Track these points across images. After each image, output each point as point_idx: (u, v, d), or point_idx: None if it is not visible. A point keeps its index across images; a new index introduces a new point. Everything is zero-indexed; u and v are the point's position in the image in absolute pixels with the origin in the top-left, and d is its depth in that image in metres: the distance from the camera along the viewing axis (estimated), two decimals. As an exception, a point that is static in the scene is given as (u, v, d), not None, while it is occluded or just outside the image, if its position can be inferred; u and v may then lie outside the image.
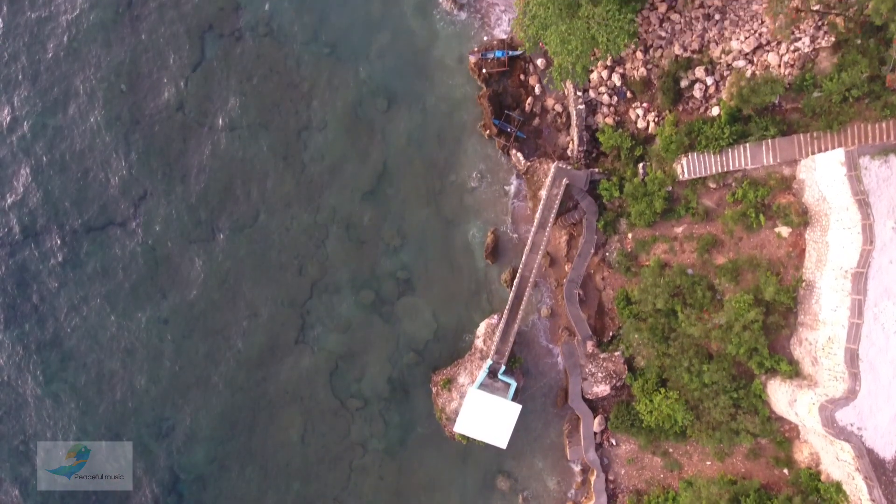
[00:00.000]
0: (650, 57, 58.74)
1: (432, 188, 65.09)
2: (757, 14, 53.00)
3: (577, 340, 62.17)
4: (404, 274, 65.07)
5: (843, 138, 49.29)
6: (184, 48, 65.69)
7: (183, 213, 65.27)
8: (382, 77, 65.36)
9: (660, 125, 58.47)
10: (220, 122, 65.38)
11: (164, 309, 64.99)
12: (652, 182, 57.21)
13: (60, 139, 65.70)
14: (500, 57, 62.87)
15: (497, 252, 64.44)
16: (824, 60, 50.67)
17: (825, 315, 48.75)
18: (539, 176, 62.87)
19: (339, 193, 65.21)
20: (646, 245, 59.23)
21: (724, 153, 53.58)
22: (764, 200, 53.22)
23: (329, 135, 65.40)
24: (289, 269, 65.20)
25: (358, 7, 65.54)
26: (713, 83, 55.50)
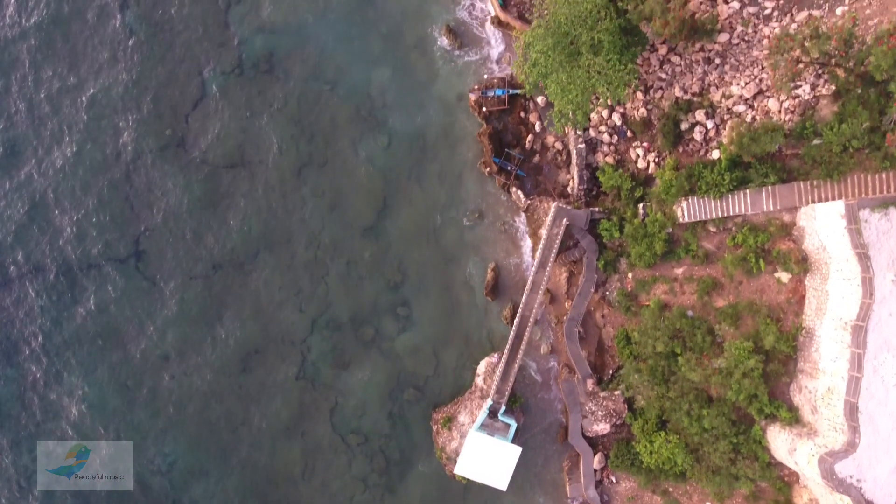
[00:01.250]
0: (650, 97, 58.75)
1: (432, 224, 65.19)
2: (757, 60, 53.00)
3: (577, 378, 62.27)
4: (404, 310, 65.17)
5: (843, 188, 49.31)
6: (184, 84, 65.80)
7: (183, 250, 65.38)
8: (383, 113, 65.44)
9: (660, 166, 58.57)
10: (220, 158, 65.47)
11: (165, 345, 65.10)
12: (652, 224, 57.26)
13: (60, 175, 65.79)
14: (501, 95, 62.90)
15: (497, 289, 64.52)
16: (825, 108, 50.68)
17: (825, 364, 48.83)
18: (539, 214, 62.93)
19: (339, 229, 65.32)
20: (646, 285, 59.31)
21: (725, 198, 53.62)
22: (764, 246, 53.27)
23: (329, 171, 65.48)
24: (289, 306, 65.32)
25: (358, 44, 65.55)
26: (713, 127, 55.53)
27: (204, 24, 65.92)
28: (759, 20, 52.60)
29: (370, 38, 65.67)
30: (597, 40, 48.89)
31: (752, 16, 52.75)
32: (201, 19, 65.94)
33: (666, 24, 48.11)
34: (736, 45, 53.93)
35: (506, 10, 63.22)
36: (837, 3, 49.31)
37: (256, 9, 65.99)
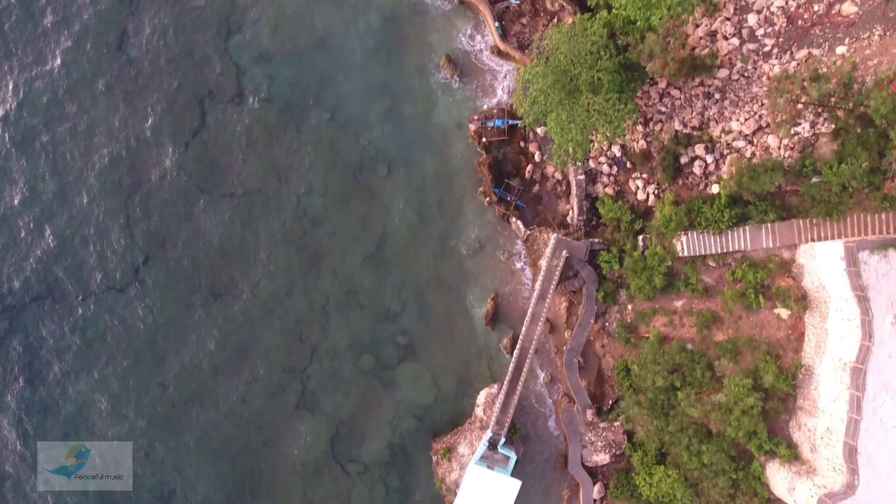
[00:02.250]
0: (650, 130, 58.78)
1: (432, 253, 65.24)
2: (757, 96, 52.99)
3: (576, 408, 62.34)
4: (404, 339, 65.23)
5: (842, 227, 49.31)
6: (184, 114, 65.77)
7: (183, 279, 65.38)
8: (382, 142, 65.45)
9: (660, 198, 58.63)
10: (220, 187, 65.48)
11: (165, 373, 65.12)
12: (652, 257, 57.32)
13: (60, 204, 65.77)
14: (500, 126, 62.91)
15: (497, 318, 64.57)
16: (824, 146, 50.66)
17: (824, 404, 48.88)
18: (539, 245, 62.99)
19: (339, 259, 65.34)
20: (645, 317, 59.36)
21: (724, 234, 53.66)
22: (763, 282, 53.31)
23: (329, 200, 65.51)
24: (289, 335, 65.34)
25: (357, 73, 65.54)
26: (713, 161, 55.56)
27: (203, 53, 65.89)
28: (758, 57, 52.57)
29: (370, 68, 65.66)
30: (596, 79, 48.93)
31: (752, 52, 52.73)
32: (201, 48, 65.91)
33: (665, 64, 48.15)
34: (735, 81, 53.92)
35: (505, 40, 63.23)
36: (837, 43, 49.27)
37: (256, 38, 65.96)
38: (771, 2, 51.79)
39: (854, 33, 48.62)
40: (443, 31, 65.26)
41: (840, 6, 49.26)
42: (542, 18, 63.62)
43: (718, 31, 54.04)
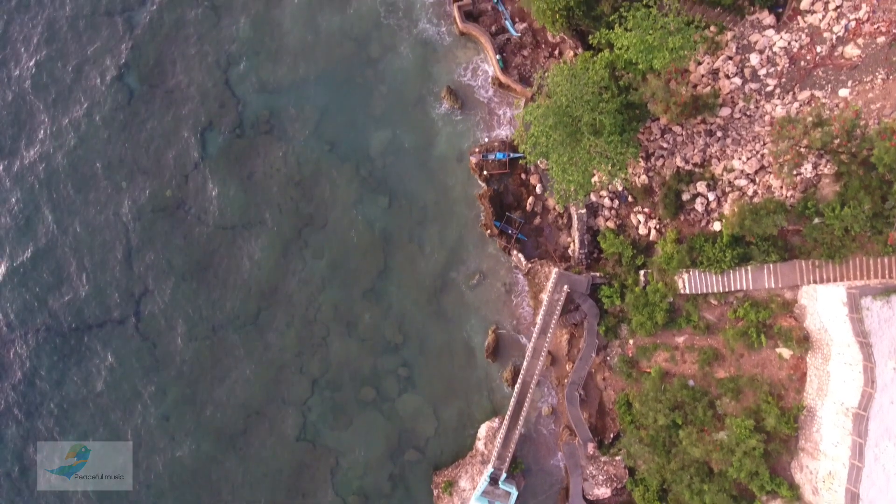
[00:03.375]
0: (651, 165, 58.65)
1: (433, 286, 65.09)
2: (759, 136, 52.84)
3: (577, 441, 62.25)
4: (405, 371, 65.10)
5: (844, 270, 49.23)
6: (184, 145, 65.63)
7: (183, 310, 65.22)
8: (383, 174, 65.33)
9: (661, 233, 58.50)
10: (220, 218, 65.34)
11: (164, 406, 64.98)
12: (653, 293, 57.20)
13: (61, 235, 65.60)
14: (501, 159, 62.77)
15: (498, 350, 64.44)
16: (826, 187, 50.51)
17: (825, 447, 48.81)
18: (540, 278, 62.86)
19: (340, 291, 65.21)
20: (647, 352, 59.25)
21: (726, 274, 53.56)
22: (765, 321, 53.21)
23: (329, 232, 65.36)
24: (290, 367, 65.20)
25: (358, 104, 65.44)
26: (715, 199, 55.41)
27: (204, 85, 65.74)
28: (760, 96, 52.42)
29: (371, 99, 65.53)
30: (598, 122, 48.76)
31: (754, 92, 52.59)
32: (201, 80, 65.76)
33: (668, 108, 48.02)
34: (738, 120, 53.79)
35: (506, 72, 63.05)
36: (840, 85, 49.13)
37: (256, 69, 65.80)
38: (773, 42, 51.63)
39: (857, 76, 48.49)
40: (444, 63, 65.09)
41: (843, 49, 49.13)
42: (542, 51, 63.44)
43: (720, 69, 53.90)
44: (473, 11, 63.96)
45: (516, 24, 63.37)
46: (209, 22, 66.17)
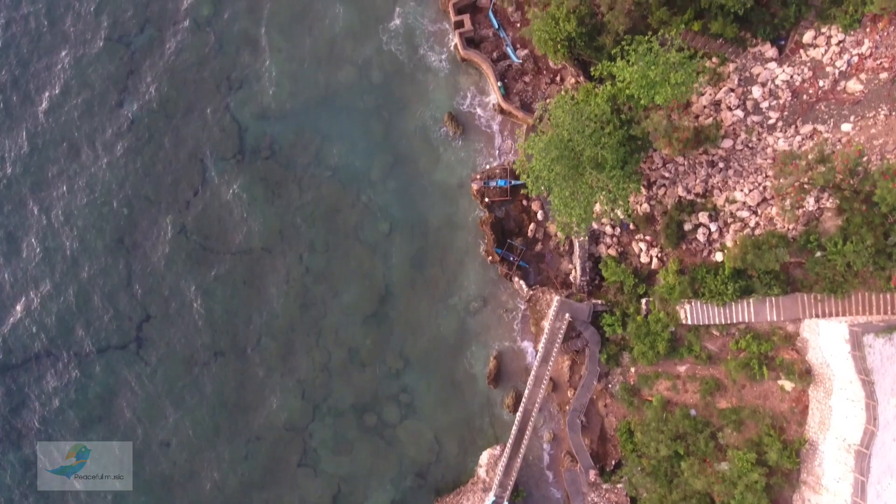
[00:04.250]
0: (653, 193, 58.57)
1: (434, 311, 65.05)
2: (761, 168, 52.76)
3: (579, 468, 62.26)
4: (406, 397, 65.08)
5: (846, 305, 49.22)
6: (185, 171, 65.61)
7: (184, 336, 65.21)
8: (384, 200, 65.27)
9: (663, 262, 58.42)
10: (221, 244, 65.30)
11: (165, 432, 64.95)
12: (655, 322, 57.16)
13: (62, 262, 65.59)
14: (503, 186, 62.72)
15: (499, 376, 64.42)
16: (829, 220, 50.42)
17: (827, 482, 48.79)
18: (542, 305, 62.82)
19: (341, 317, 65.17)
20: (648, 380, 59.23)
21: (728, 306, 53.51)
22: (767, 354, 53.19)
23: (331, 258, 65.31)
24: (291, 392, 65.18)
25: (359, 130, 65.37)
26: (717, 229, 55.32)
27: (205, 111, 65.67)
28: (763, 129, 52.37)
29: (372, 125, 65.47)
30: (600, 157, 48.68)
31: (756, 124, 52.51)
32: (202, 105, 65.70)
33: (670, 144, 47.96)
34: (740, 151, 53.72)
35: (508, 99, 62.95)
36: (843, 120, 49.06)
37: (258, 95, 65.74)
38: (775, 75, 51.56)
39: (859, 111, 48.42)
40: (445, 89, 65.02)
41: (845, 84, 49.05)
42: (544, 77, 63.35)
43: (723, 101, 53.81)
44: (475, 38, 63.83)
45: (517, 50, 63.28)
46: (210, 48, 66.07)
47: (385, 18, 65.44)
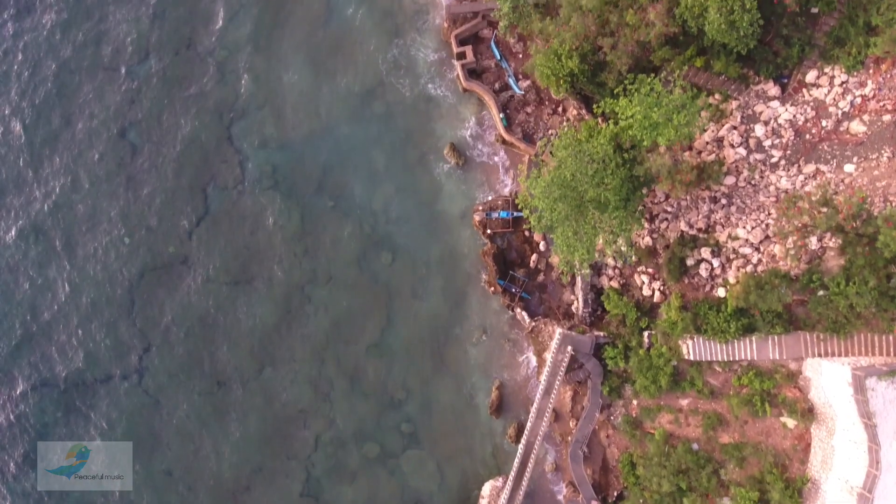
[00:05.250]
0: (656, 227, 58.54)
1: (437, 341, 65.10)
2: (763, 205, 52.72)
3: (581, 499, 62.32)
4: (409, 427, 65.11)
5: (849, 345, 49.24)
6: (187, 201, 65.65)
7: (186, 366, 65.30)
8: (386, 230, 65.32)
9: (665, 296, 58.41)
10: (224, 274, 65.38)
11: (167, 462, 65.03)
12: (657, 357, 57.15)
13: (63, 293, 65.63)
14: (505, 217, 62.71)
15: (502, 407, 64.44)
16: (831, 259, 50.39)
17: (830, 523, 48.84)
18: (544, 337, 62.82)
19: (343, 346, 65.23)
20: (651, 413, 59.23)
21: (730, 343, 53.51)
22: (770, 391, 53.19)
23: (333, 287, 65.37)
24: (293, 422, 65.23)
25: (361, 160, 65.43)
26: (719, 265, 55.28)
27: (207, 140, 65.74)
28: (765, 167, 52.33)
29: (374, 155, 65.51)
30: (603, 198, 48.64)
31: (759, 162, 52.48)
32: (204, 135, 65.78)
33: (673, 187, 47.94)
34: (742, 188, 53.69)
35: (510, 130, 62.93)
36: (846, 161, 49.02)
37: (259, 124, 65.78)
38: (778, 114, 51.52)
39: (863, 152, 48.38)
40: (447, 119, 65.02)
41: (848, 124, 49.01)
42: (546, 107, 63.33)
43: (725, 138, 53.78)
44: (477, 68, 63.83)
45: (520, 81, 63.24)
46: (212, 77, 66.09)
47: (387, 49, 65.45)
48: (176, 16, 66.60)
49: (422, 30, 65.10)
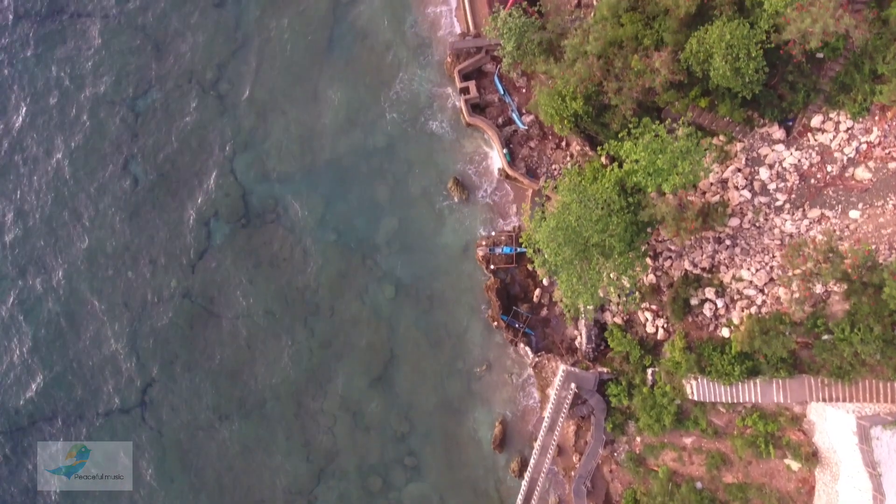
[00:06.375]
0: (659, 264, 58.42)
1: (440, 375, 65.03)
2: (768, 248, 52.57)
3: (585, 534, 62.36)
4: (412, 461, 65.09)
5: (854, 391, 49.13)
6: (190, 235, 65.50)
7: (189, 400, 65.25)
8: (389, 264, 65.18)
9: (669, 333, 58.32)
10: (226, 308, 65.29)
11: (170, 497, 65.00)
12: (661, 395, 57.09)
13: (66, 326, 65.56)
14: (508, 253, 62.59)
15: (505, 441, 64.39)
16: (836, 304, 50.25)
17: (835, 569, 48.81)
18: (547, 372, 62.76)
19: (346, 380, 65.17)
20: (654, 450, 59.16)
21: (734, 385, 53.41)
22: (774, 433, 53.11)
23: (336, 321, 65.26)
24: (296, 456, 65.22)
25: (364, 194, 65.23)
26: (723, 305, 55.14)
27: (209, 174, 65.60)
28: (770, 210, 52.16)
29: (377, 188, 65.34)
30: (608, 244, 48.51)
31: (764, 205, 52.31)
32: (207, 168, 65.63)
33: (677, 233, 47.80)
34: (747, 230, 53.52)
35: (513, 165, 62.77)
36: (851, 207, 48.85)
37: (262, 158, 65.61)
38: (783, 158, 51.34)
39: (868, 199, 48.21)
40: (450, 153, 64.86)
41: (854, 171, 48.84)
42: (549, 142, 63.15)
43: (730, 180, 53.60)
44: (480, 103, 63.62)
45: (523, 115, 63.04)
46: (214, 110, 65.91)
47: (390, 82, 65.25)
48: (178, 49, 66.32)
49: (424, 64, 64.90)
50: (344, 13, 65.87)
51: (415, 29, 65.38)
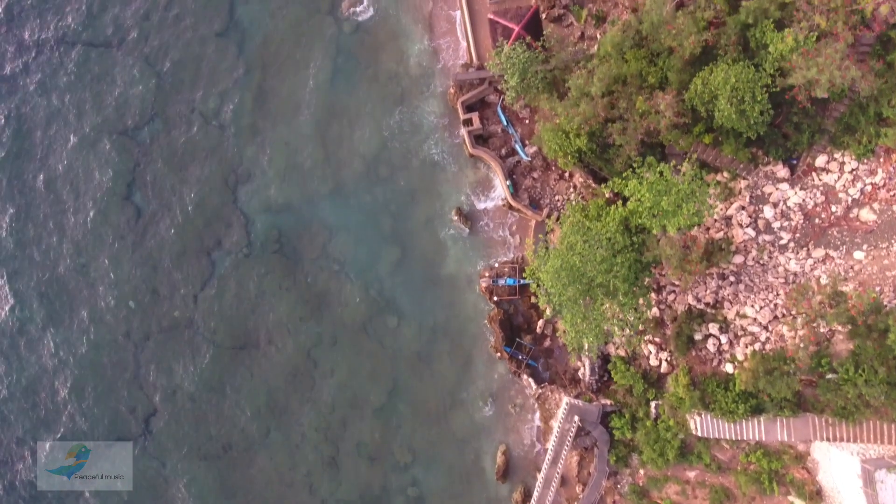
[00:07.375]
0: (663, 298, 58.38)
1: (443, 405, 64.99)
2: (772, 286, 52.54)
3: (588, 565, 62.36)
4: (415, 491, 65.07)
5: (858, 431, 49.14)
6: (192, 265, 65.44)
7: (192, 430, 65.20)
8: (392, 294, 65.12)
9: (673, 367, 58.28)
10: (229, 339, 65.22)
11: (173, 526, 65.15)
12: (664, 430, 57.09)
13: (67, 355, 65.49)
14: (512, 284, 62.52)
15: (508, 471, 64.36)
16: (840, 343, 50.25)
17: None
18: (551, 404, 62.74)
19: (349, 410, 65.11)
20: (658, 483, 59.21)
21: (738, 423, 53.39)
22: (777, 470, 53.13)
23: (339, 351, 65.23)
24: (299, 486, 65.19)
25: (367, 224, 65.18)
26: (727, 341, 55.13)
27: (212, 204, 65.47)
28: (774, 248, 52.11)
29: (380, 219, 65.24)
30: (612, 286, 48.47)
31: (768, 243, 52.26)
32: (209, 199, 65.49)
33: (681, 275, 47.76)
34: (751, 267, 53.49)
35: (516, 196, 62.69)
36: (855, 247, 48.82)
37: (265, 188, 65.49)
38: (787, 197, 51.28)
39: (872, 241, 48.19)
40: (453, 184, 64.74)
41: (858, 211, 48.80)
42: (553, 173, 63.05)
43: (734, 217, 53.54)
44: (483, 134, 63.51)
45: (526, 146, 62.95)
46: (217, 140, 65.76)
47: (392, 112, 65.12)
48: (180, 79, 66.18)
49: (427, 95, 64.77)
50: (347, 43, 65.72)
51: (418, 60, 65.25)
